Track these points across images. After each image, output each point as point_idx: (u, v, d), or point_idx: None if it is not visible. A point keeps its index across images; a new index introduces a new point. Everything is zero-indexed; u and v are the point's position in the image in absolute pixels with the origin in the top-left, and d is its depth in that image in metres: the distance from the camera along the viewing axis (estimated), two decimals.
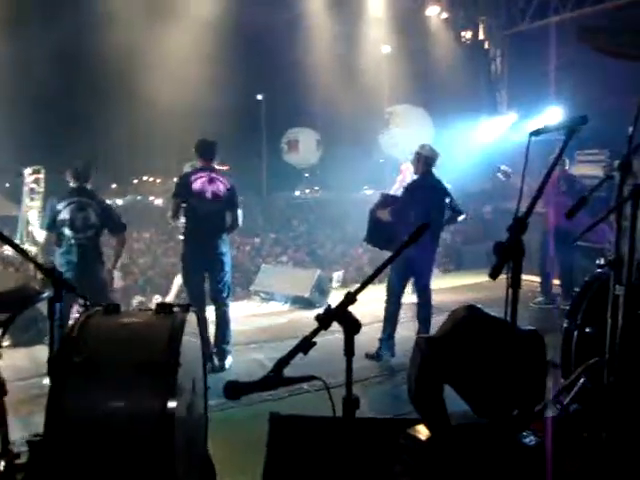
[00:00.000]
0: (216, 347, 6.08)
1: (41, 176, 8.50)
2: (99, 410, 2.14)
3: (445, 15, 13.36)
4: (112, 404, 2.15)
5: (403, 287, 6.29)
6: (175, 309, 2.36)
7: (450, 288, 9.71)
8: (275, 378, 2.00)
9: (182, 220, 6.17)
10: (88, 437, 2.12)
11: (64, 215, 5.89)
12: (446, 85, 13.18)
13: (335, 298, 9.23)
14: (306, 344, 2.01)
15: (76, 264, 5.87)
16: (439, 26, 13.57)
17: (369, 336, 6.11)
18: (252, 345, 6.83)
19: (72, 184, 6.05)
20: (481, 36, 12.97)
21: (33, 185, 8.48)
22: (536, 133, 2.34)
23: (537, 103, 10.60)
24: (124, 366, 2.15)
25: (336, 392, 2.03)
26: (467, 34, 13.23)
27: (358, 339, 2.01)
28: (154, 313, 2.37)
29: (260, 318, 8.55)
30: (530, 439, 2.45)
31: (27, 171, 8.50)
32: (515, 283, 1.96)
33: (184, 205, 6.05)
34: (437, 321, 6.04)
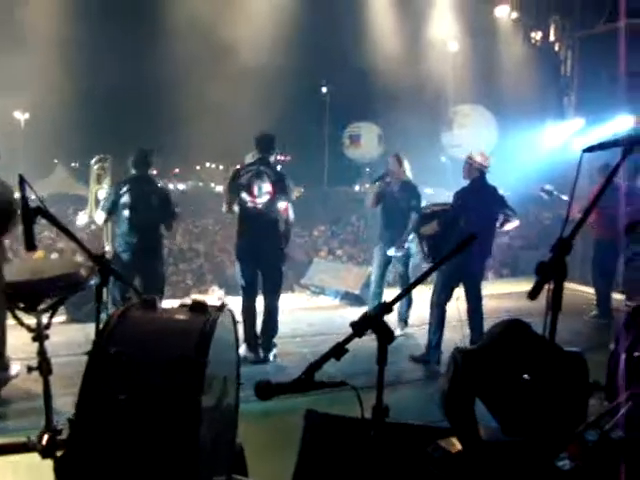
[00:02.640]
0: (262, 338, 6.11)
1: (107, 165, 8.81)
2: (128, 398, 2.24)
3: (515, 15, 13.05)
4: (141, 394, 2.24)
5: (449, 295, 6.16)
6: (209, 308, 2.43)
7: (503, 294, 9.47)
8: (306, 381, 2.01)
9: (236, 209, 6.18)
10: (115, 422, 2.23)
11: (125, 199, 6.08)
12: (512, 87, 12.90)
13: (387, 296, 9.15)
14: (339, 350, 2.02)
15: (135, 245, 6.06)
16: (508, 26, 13.29)
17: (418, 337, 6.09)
18: (297, 338, 6.86)
19: (133, 171, 6.24)
20: (552, 37, 12.57)
21: (99, 172, 8.79)
22: (589, 149, 2.23)
23: (607, 110, 10.17)
24: (155, 360, 2.25)
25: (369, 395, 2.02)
26: (537, 35, 12.86)
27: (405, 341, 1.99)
28: (188, 310, 2.46)
29: (308, 312, 8.58)
30: (565, 463, 2.38)
31: (94, 160, 8.83)
32: (556, 305, 1.90)
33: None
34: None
